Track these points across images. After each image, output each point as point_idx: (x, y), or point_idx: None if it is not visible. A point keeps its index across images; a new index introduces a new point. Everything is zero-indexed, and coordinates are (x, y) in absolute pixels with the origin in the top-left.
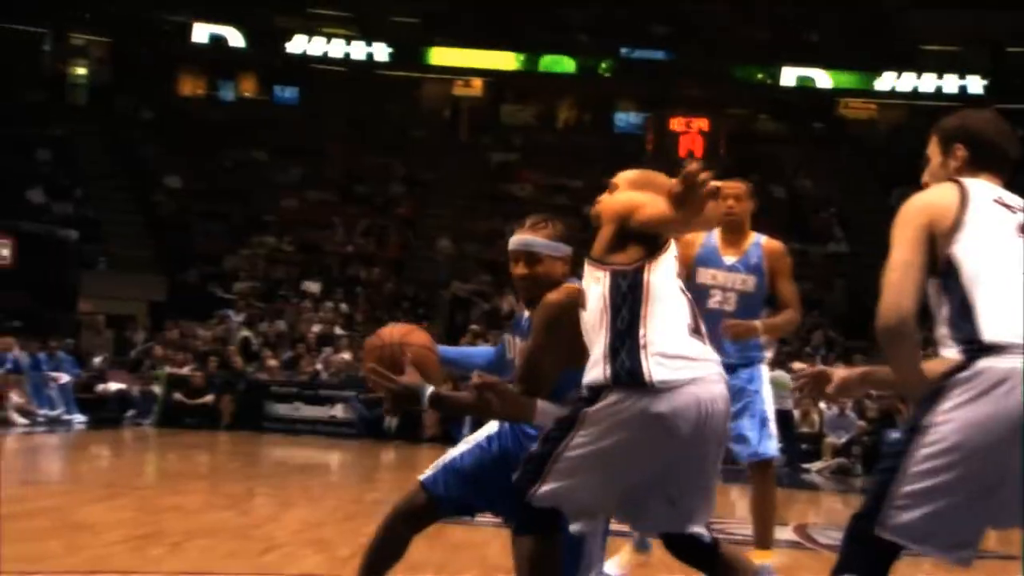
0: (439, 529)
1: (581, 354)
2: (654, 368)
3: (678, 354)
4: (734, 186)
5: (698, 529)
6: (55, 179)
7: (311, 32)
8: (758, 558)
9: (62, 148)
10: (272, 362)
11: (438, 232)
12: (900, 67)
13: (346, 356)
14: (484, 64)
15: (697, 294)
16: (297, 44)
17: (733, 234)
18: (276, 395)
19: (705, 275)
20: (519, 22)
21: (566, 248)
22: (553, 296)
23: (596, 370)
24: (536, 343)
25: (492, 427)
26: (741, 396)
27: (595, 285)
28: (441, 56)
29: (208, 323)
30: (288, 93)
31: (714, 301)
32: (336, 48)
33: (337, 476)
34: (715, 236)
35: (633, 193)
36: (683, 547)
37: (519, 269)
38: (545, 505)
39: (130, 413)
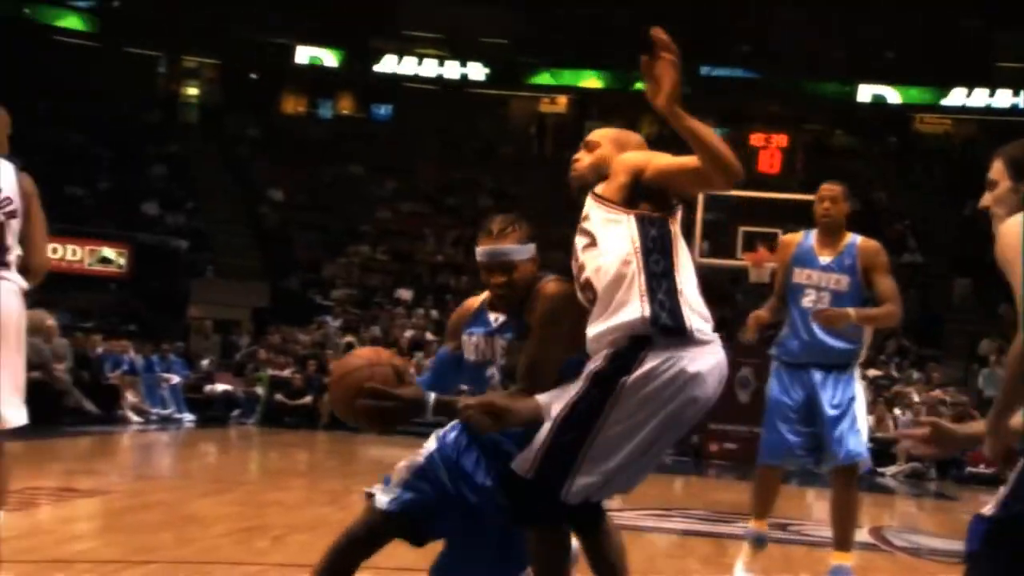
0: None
1: (581, 341)
2: (690, 316)
3: (701, 311)
4: (831, 188)
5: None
6: (168, 193)
7: (404, 53)
8: (837, 559)
9: (175, 164)
10: None
11: None
12: (973, 83)
13: None
14: (570, 82)
15: (792, 293)
16: (390, 64)
17: (829, 235)
18: None
19: (800, 275)
20: (603, 42)
21: (533, 246)
22: (551, 288)
23: (630, 310)
24: (541, 338)
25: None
26: (836, 400)
27: (615, 226)
28: (530, 75)
29: (307, 328)
30: (383, 111)
31: (808, 300)
32: (428, 68)
33: None
34: (812, 237)
35: (645, 151)
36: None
37: (496, 279)
38: (578, 501)
39: (235, 413)
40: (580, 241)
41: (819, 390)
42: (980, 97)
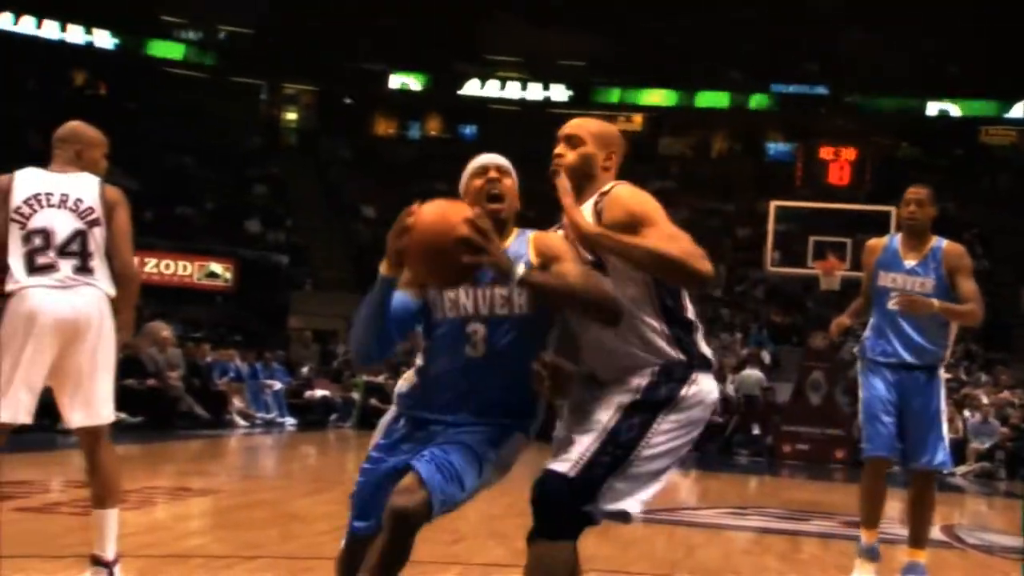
0: (608, 526)
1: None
2: (704, 348)
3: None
4: (917, 192)
5: None
6: (269, 211)
7: (487, 76)
8: (912, 556)
9: (275, 184)
10: None
11: None
12: None
13: None
14: (643, 101)
15: (878, 296)
16: (474, 87)
17: (915, 238)
18: None
19: (886, 278)
20: (677, 62)
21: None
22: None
23: (659, 345)
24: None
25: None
26: (923, 403)
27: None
28: (606, 95)
29: None
30: (468, 131)
31: (894, 302)
32: (511, 90)
33: (512, 473)
34: (897, 240)
35: (646, 205)
36: None
37: (496, 177)
38: (601, 517)
39: (333, 417)
40: (583, 254)
41: (909, 393)
42: None
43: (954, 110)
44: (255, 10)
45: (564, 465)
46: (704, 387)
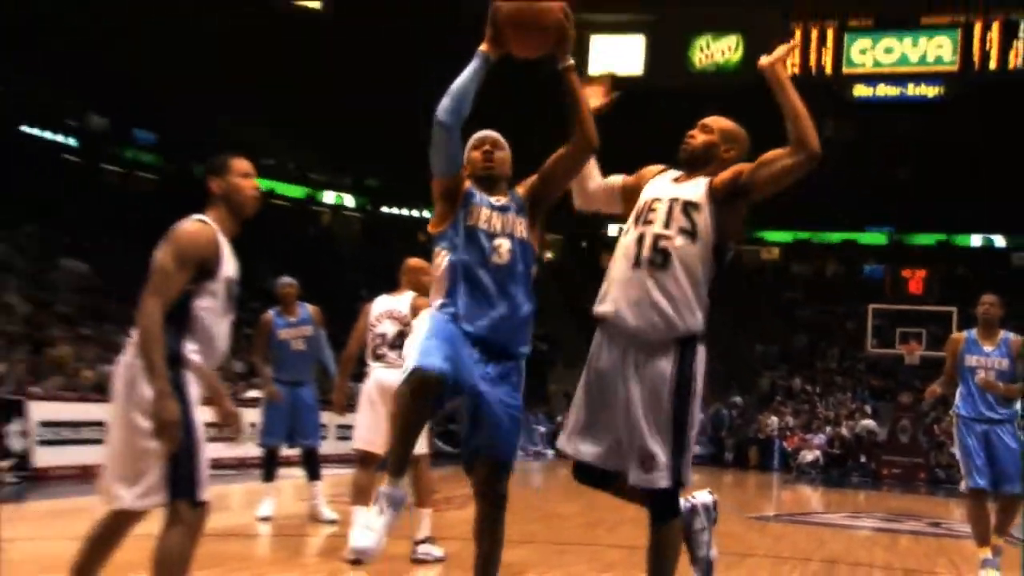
0: (763, 524)
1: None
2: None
3: None
4: (990, 297)
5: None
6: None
7: None
8: (995, 542)
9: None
10: None
11: None
12: None
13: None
14: (781, 239)
15: (965, 372)
16: None
17: (988, 329)
18: None
19: (971, 360)
20: (802, 209)
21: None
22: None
23: (694, 308)
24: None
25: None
26: (1004, 446)
27: (703, 246)
28: (762, 235)
29: None
30: None
31: (980, 375)
32: None
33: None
34: (974, 332)
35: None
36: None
37: (489, 151)
38: (688, 483)
39: None
40: (680, 219)
41: (995, 438)
42: None
43: (998, 240)
44: None
45: (663, 480)
46: (700, 357)
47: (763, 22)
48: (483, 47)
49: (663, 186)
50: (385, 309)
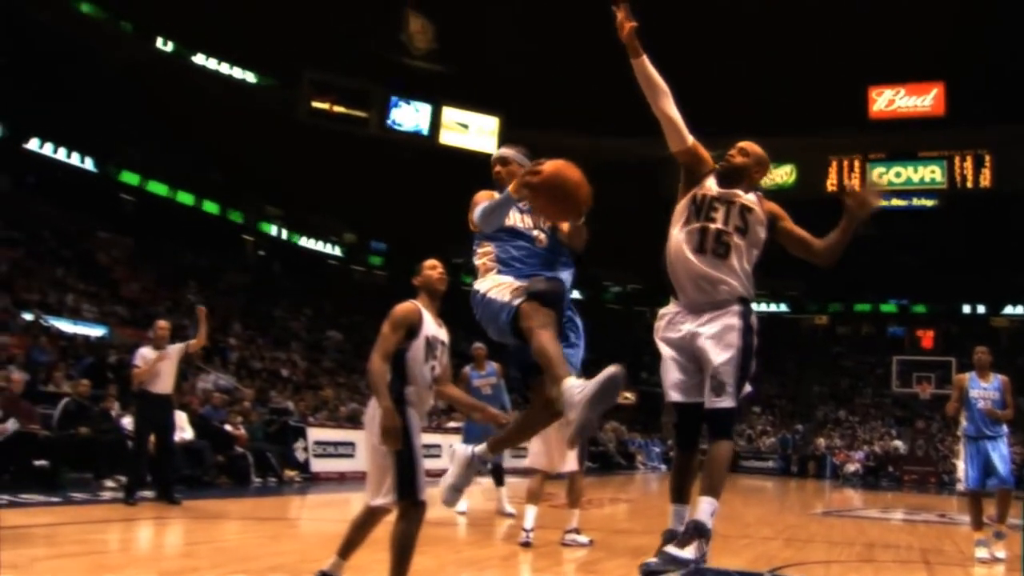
0: (829, 525)
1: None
2: None
3: None
4: (983, 349)
5: None
6: None
7: None
8: (998, 528)
9: None
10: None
11: None
12: None
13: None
14: (831, 310)
15: (970, 402)
16: None
17: (984, 371)
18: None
19: (974, 393)
20: (849, 287)
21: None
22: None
23: (748, 282)
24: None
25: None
26: (999, 455)
27: (757, 245)
28: (819, 308)
29: None
30: None
31: (980, 404)
32: None
33: (782, 499)
34: (973, 374)
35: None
36: None
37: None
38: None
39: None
40: (736, 219)
41: (991, 449)
42: None
43: (981, 308)
44: None
45: (728, 401)
46: (755, 317)
47: (809, 155)
48: (512, 192)
49: (718, 190)
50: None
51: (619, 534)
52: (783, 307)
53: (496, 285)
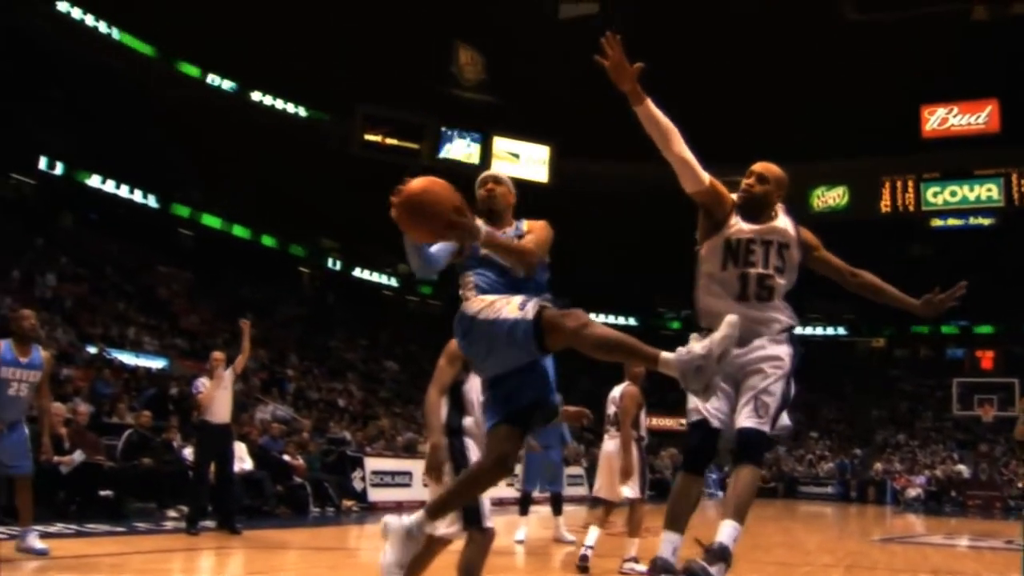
0: (904, 549)
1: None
2: None
3: None
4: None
5: None
6: None
7: None
8: None
9: None
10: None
11: None
12: None
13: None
14: (886, 333)
15: None
16: None
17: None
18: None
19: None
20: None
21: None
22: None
23: (791, 311)
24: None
25: None
26: None
27: (792, 274)
28: (877, 331)
29: None
30: None
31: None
32: None
33: (842, 525)
34: None
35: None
36: None
37: (488, 188)
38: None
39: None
40: (775, 259)
41: None
42: None
43: None
44: None
45: (766, 425)
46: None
47: (862, 176)
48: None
49: (750, 228)
50: (611, 396)
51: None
52: (840, 331)
53: (488, 305)
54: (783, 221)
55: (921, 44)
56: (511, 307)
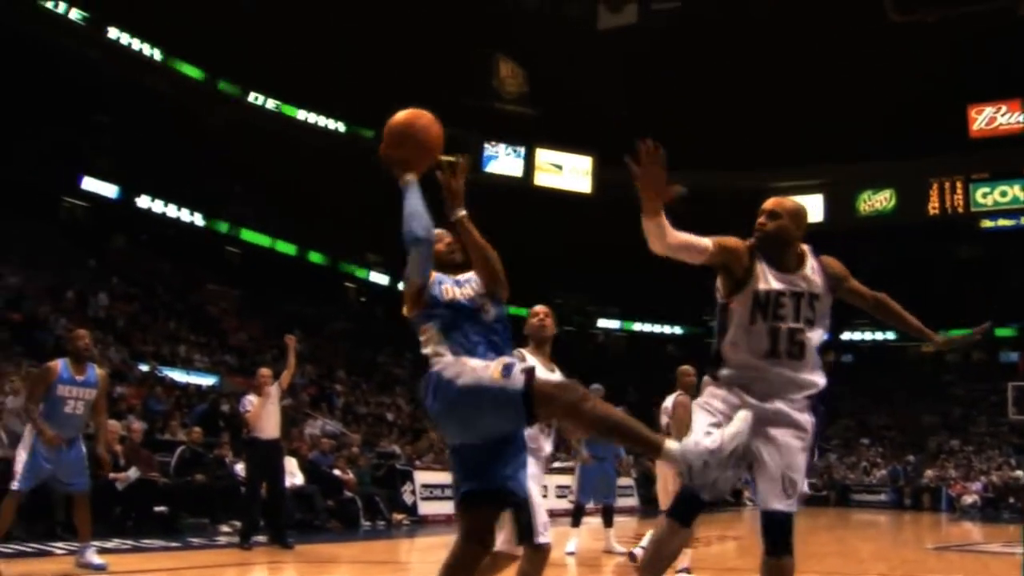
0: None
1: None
2: None
3: None
4: None
5: None
6: None
7: None
8: None
9: None
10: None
11: None
12: None
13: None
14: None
15: None
16: None
17: None
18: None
19: None
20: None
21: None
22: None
23: (821, 370)
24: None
25: None
26: None
27: (823, 324)
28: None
29: None
30: None
31: None
32: None
33: (896, 533)
34: None
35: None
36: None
37: (452, 241)
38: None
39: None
40: (806, 311)
41: None
42: None
43: None
44: None
45: (793, 505)
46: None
47: (909, 179)
48: (408, 176)
49: (777, 278)
50: (664, 406)
51: (729, 572)
52: (888, 335)
53: (467, 368)
54: (811, 266)
55: (967, 42)
56: (492, 372)
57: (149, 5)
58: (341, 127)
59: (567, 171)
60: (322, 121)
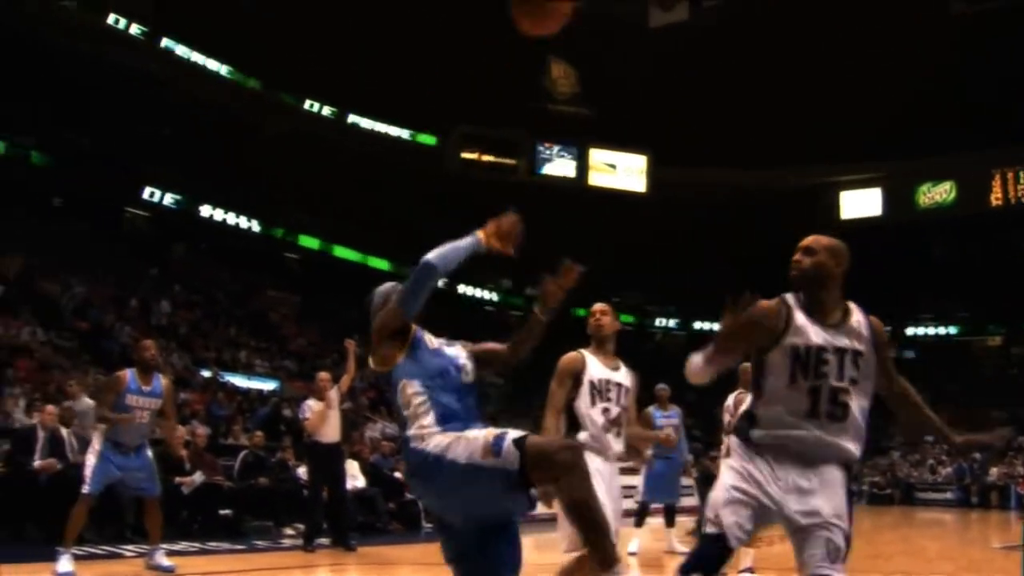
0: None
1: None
2: None
3: None
4: None
5: None
6: None
7: None
8: None
9: None
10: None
11: None
12: None
13: None
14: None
15: None
16: None
17: None
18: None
19: None
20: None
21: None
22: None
23: (861, 439)
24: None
25: None
26: None
27: (869, 386)
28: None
29: None
30: None
31: None
32: None
33: (963, 532)
34: None
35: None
36: None
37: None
38: None
39: None
40: (850, 369)
41: None
42: None
43: None
44: None
45: (840, 570)
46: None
47: (971, 170)
48: (481, 235)
49: (819, 334)
50: (726, 404)
51: (791, 572)
52: (951, 330)
53: (454, 441)
54: (857, 320)
55: None
56: (480, 444)
57: (208, 19)
58: (394, 132)
59: (621, 170)
60: (380, 127)
